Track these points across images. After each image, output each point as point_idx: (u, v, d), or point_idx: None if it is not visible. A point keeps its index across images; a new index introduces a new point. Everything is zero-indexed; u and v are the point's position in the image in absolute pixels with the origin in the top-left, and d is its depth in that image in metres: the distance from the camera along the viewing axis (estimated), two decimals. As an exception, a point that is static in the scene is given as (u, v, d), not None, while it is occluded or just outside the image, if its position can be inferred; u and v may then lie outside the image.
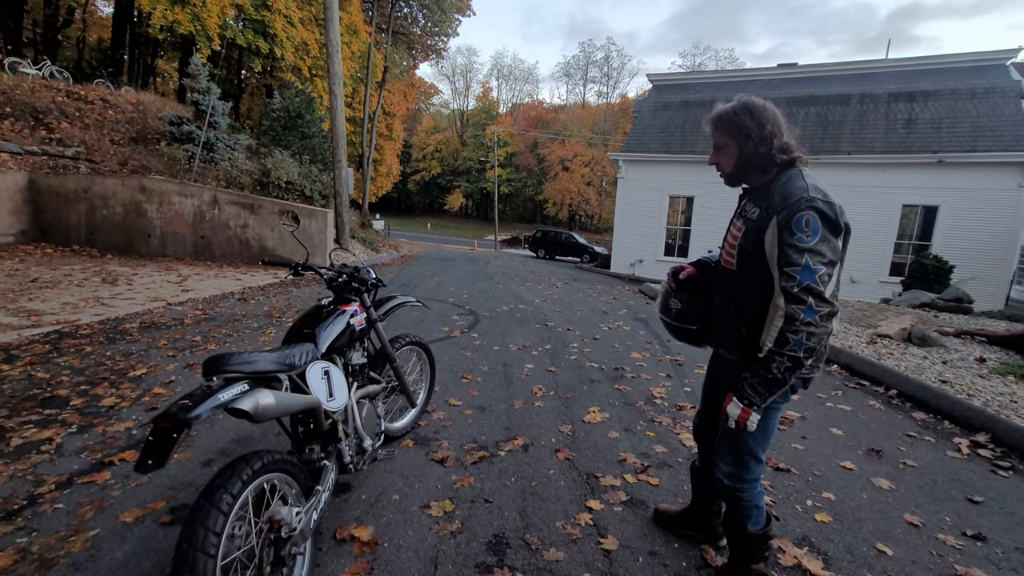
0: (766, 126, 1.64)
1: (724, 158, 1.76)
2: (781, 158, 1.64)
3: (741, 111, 1.67)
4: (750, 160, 1.69)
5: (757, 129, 1.64)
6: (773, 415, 1.76)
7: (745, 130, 1.66)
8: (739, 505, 1.83)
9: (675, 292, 2.01)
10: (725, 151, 1.75)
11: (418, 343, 3.14)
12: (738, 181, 1.79)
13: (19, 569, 1.92)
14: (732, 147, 1.72)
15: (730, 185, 1.82)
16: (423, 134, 62.02)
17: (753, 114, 1.66)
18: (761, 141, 1.64)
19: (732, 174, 1.78)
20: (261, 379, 1.66)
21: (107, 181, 10.49)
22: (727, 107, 1.71)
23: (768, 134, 1.64)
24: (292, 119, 14.94)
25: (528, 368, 4.64)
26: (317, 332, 2.08)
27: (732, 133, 1.69)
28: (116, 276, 8.07)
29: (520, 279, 12.10)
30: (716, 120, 1.74)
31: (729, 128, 1.70)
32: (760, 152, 1.66)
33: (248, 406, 1.42)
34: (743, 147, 1.68)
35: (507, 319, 6.86)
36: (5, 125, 11.46)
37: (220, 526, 1.36)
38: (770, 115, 1.66)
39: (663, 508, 2.38)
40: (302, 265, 2.45)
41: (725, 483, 1.82)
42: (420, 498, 2.47)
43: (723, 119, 1.71)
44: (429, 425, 3.30)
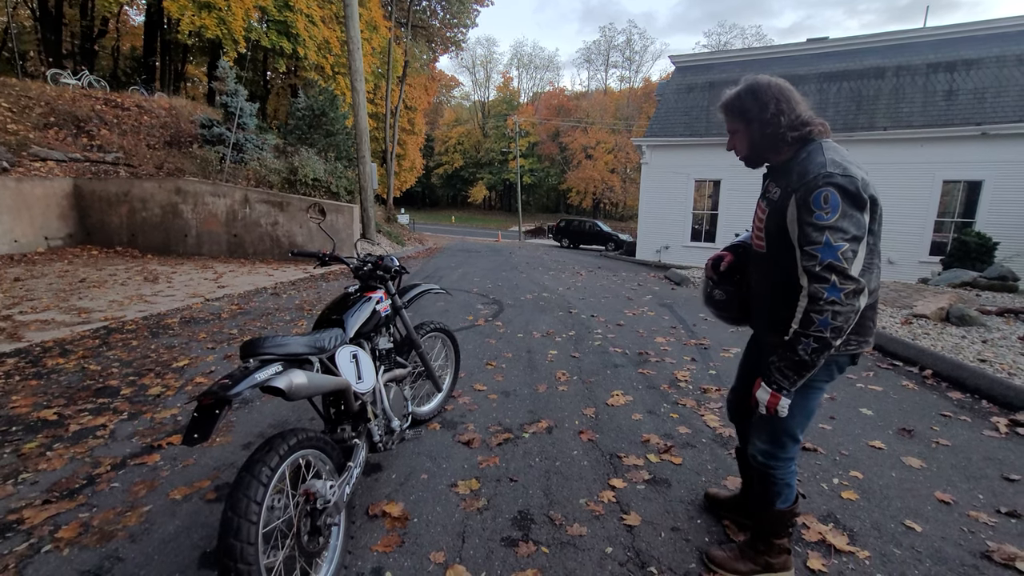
0: (769, 105, 1.62)
1: (738, 142, 1.77)
2: (792, 135, 1.62)
3: (744, 94, 1.67)
4: (760, 141, 1.69)
5: (759, 111, 1.64)
6: (814, 395, 1.71)
7: (749, 112, 1.66)
8: (771, 482, 1.81)
9: (717, 283, 2.00)
10: (737, 135, 1.76)
11: (443, 329, 3.23)
12: (757, 162, 1.78)
13: (82, 540, 2.09)
14: (742, 131, 1.72)
15: (750, 167, 1.82)
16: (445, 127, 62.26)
17: (756, 95, 1.64)
18: (766, 122, 1.63)
19: (748, 157, 1.78)
20: (294, 361, 1.76)
21: (145, 184, 10.95)
22: (732, 92, 1.71)
23: (772, 114, 1.62)
24: (316, 117, 15.24)
25: (552, 354, 4.69)
26: (345, 318, 2.18)
27: (739, 117, 1.71)
28: (157, 275, 8.45)
29: (544, 268, 12.12)
30: (723, 107, 1.75)
31: (735, 112, 1.71)
32: (767, 132, 1.65)
33: (282, 384, 1.52)
34: (751, 129, 1.69)
35: (531, 307, 6.91)
36: (50, 134, 12.06)
37: (260, 496, 1.46)
38: (775, 92, 1.63)
39: (713, 492, 2.34)
40: (329, 256, 2.55)
41: (759, 460, 1.81)
42: (448, 477, 2.56)
43: (728, 105, 1.72)
44: (455, 409, 3.40)
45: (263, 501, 1.47)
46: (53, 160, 11.24)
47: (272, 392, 1.52)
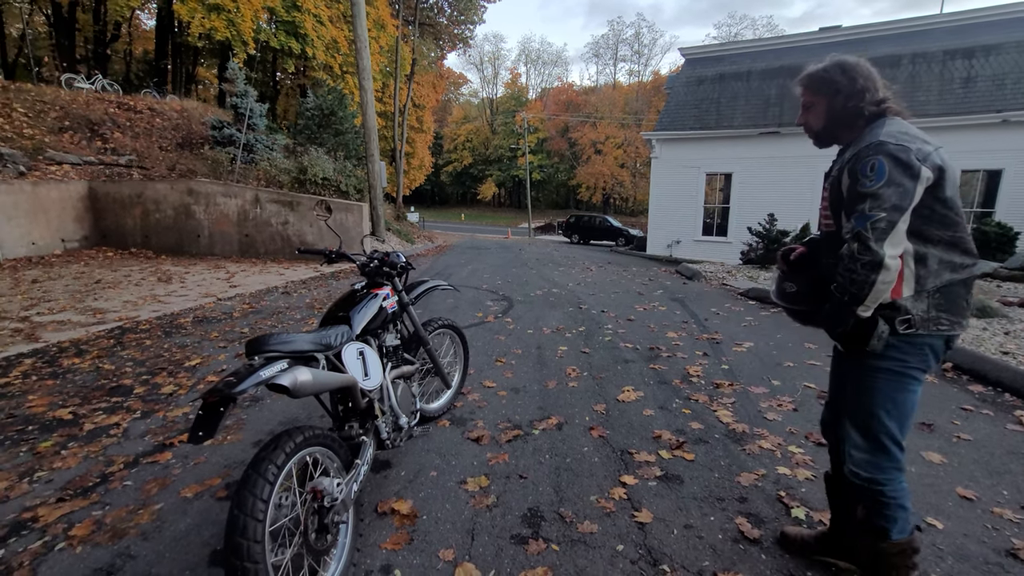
0: (857, 80, 1.61)
1: (812, 116, 1.74)
2: (871, 109, 1.60)
3: (832, 68, 1.65)
4: (839, 115, 1.66)
5: (847, 83, 1.62)
6: (908, 386, 1.57)
7: (835, 84, 1.64)
8: (880, 504, 1.60)
9: (787, 275, 1.90)
10: (813, 109, 1.72)
11: (451, 326, 3.21)
12: (828, 140, 1.75)
13: (95, 538, 2.11)
14: (820, 103, 1.69)
15: (819, 145, 1.79)
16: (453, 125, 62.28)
17: (845, 69, 1.64)
18: (852, 95, 1.62)
19: (820, 132, 1.74)
20: (300, 358, 1.75)
21: (158, 186, 11.07)
22: (819, 66, 1.69)
23: (860, 88, 1.61)
24: (326, 117, 15.31)
25: (562, 350, 4.66)
26: (351, 315, 2.17)
27: (821, 89, 1.68)
28: (170, 275, 8.54)
29: (553, 264, 12.07)
30: (806, 79, 1.72)
31: (819, 85, 1.68)
32: (849, 106, 1.63)
33: (287, 381, 1.51)
34: (832, 101, 1.66)
35: (541, 303, 6.87)
36: (65, 138, 12.24)
37: (267, 494, 1.45)
38: (863, 71, 1.63)
39: (793, 533, 2.01)
40: (336, 253, 2.54)
41: (862, 475, 1.61)
42: (457, 474, 2.54)
43: (813, 77, 1.70)
44: (464, 406, 3.38)
45: (270, 499, 1.46)
46: (68, 163, 11.41)
47: (277, 390, 1.51)
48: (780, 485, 2.43)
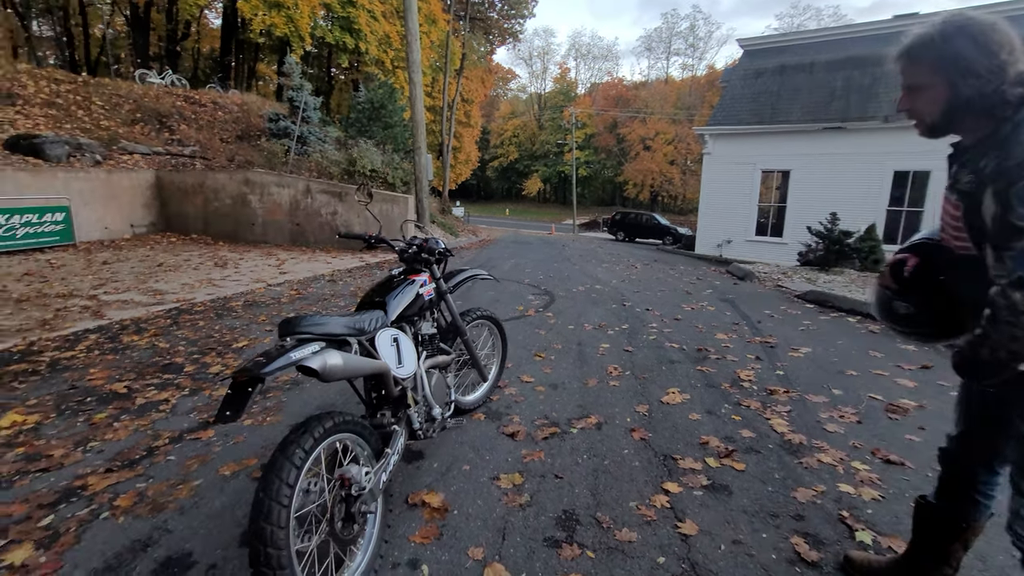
0: (997, 52, 1.18)
1: (924, 103, 1.30)
2: (1015, 93, 1.17)
3: (953, 35, 1.21)
4: (969, 103, 1.23)
5: (985, 59, 1.18)
6: None
7: (962, 61, 1.20)
8: None
9: (900, 293, 1.51)
10: (925, 93, 1.29)
11: (489, 317, 3.13)
12: (943, 132, 1.34)
13: (136, 510, 2.16)
14: (939, 87, 1.26)
15: (930, 137, 1.37)
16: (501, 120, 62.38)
17: (975, 37, 1.20)
18: (990, 74, 1.18)
19: (936, 124, 1.32)
20: (332, 342, 1.71)
21: (218, 176, 11.59)
22: (928, 31, 1.26)
23: (999, 64, 1.18)
24: (376, 110, 15.59)
25: (603, 347, 4.50)
26: (387, 300, 2.12)
27: (939, 67, 1.24)
28: (226, 260, 8.91)
29: (597, 260, 11.83)
30: (912, 51, 1.29)
31: (935, 61, 1.24)
32: (987, 91, 1.19)
33: (316, 364, 1.46)
34: (958, 86, 1.22)
35: (583, 299, 6.71)
36: (136, 129, 13.01)
37: (293, 479, 1.41)
38: (1001, 37, 1.19)
39: (860, 559, 1.80)
40: (375, 238, 2.50)
41: None
42: (490, 470, 2.46)
43: (925, 48, 1.26)
44: (501, 400, 3.29)
45: (296, 484, 1.42)
46: (139, 153, 12.12)
47: (307, 372, 1.46)
48: (842, 504, 2.21)
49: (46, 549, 1.92)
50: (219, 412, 1.37)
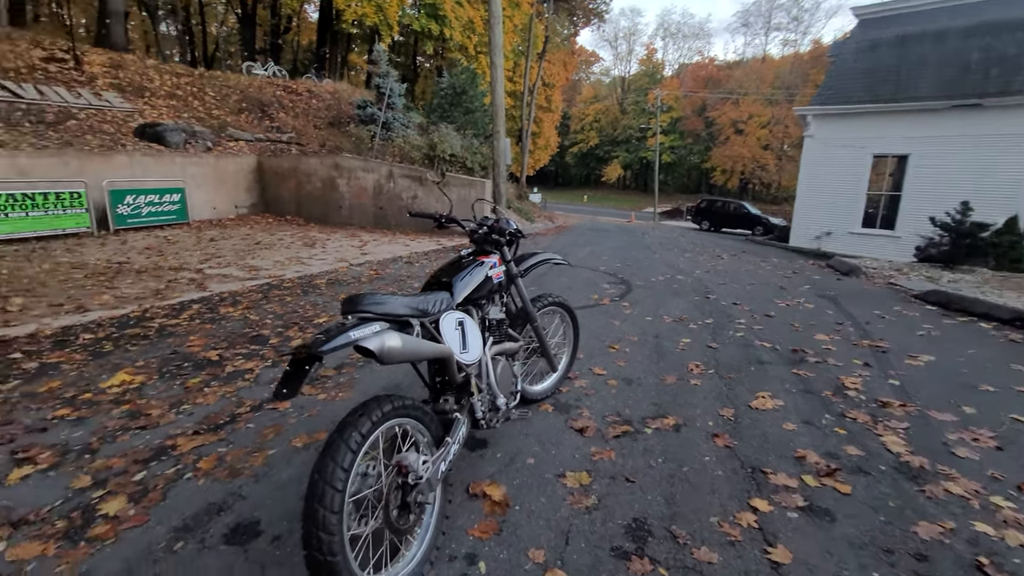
0: None
1: None
2: None
3: None
4: None
5: None
6: None
7: None
8: None
9: None
10: None
11: (562, 305, 2.96)
12: None
13: (216, 473, 2.26)
14: None
15: None
16: (582, 104, 61.04)
17: None
18: None
19: None
20: (394, 322, 1.64)
21: (310, 160, 12.26)
22: None
23: None
24: (457, 95, 15.75)
25: (684, 342, 4.18)
26: (453, 282, 2.02)
27: None
28: (314, 240, 9.42)
29: (679, 250, 11.21)
30: None
31: None
32: None
33: (374, 345, 1.38)
34: None
35: (662, 289, 6.34)
36: (242, 118, 14.08)
37: (348, 462, 1.35)
38: None
39: None
40: (445, 217, 2.42)
41: None
42: (556, 466, 2.32)
43: None
44: (570, 392, 3.14)
45: (351, 468, 1.36)
46: (243, 140, 13.11)
47: (364, 353, 1.40)
48: (980, 548, 1.84)
49: (136, 503, 2.05)
50: (277, 388, 1.34)
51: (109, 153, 9.82)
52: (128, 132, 11.08)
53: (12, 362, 3.48)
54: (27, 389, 3.08)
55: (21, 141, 9.05)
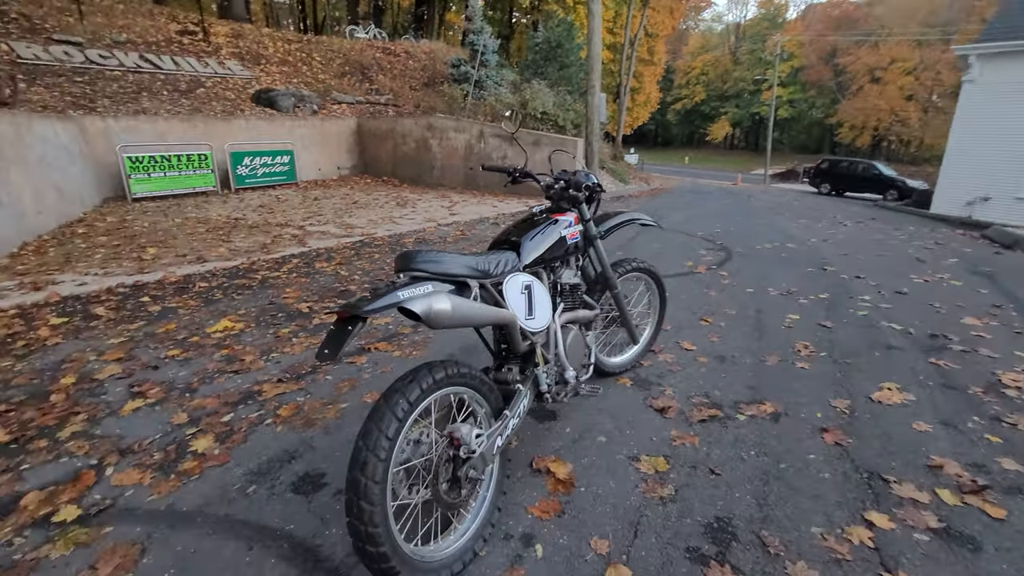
0: None
1: None
2: None
3: None
4: None
5: None
6: None
7: None
8: None
9: None
10: None
11: (647, 271, 2.68)
12: None
13: (293, 421, 2.34)
14: None
15: None
16: (688, 56, 56.23)
17: None
18: None
19: None
20: (450, 282, 1.50)
21: (405, 121, 12.51)
22: None
23: None
24: (552, 49, 15.10)
25: (791, 319, 3.69)
26: (522, 241, 1.84)
27: None
28: (406, 201, 9.67)
29: (791, 215, 10.05)
30: None
31: None
32: None
33: (419, 308, 1.25)
34: None
35: (769, 258, 5.68)
36: (344, 81, 14.64)
37: (393, 431, 1.26)
38: None
39: None
40: (520, 171, 2.22)
41: None
42: (630, 447, 2.12)
43: None
44: (653, 366, 2.87)
45: (396, 437, 1.27)
46: (345, 103, 13.67)
47: (409, 315, 1.27)
48: None
49: (221, 443, 2.18)
50: (320, 349, 1.27)
51: (230, 118, 10.69)
52: (246, 98, 11.97)
53: (141, 305, 3.90)
54: (149, 330, 3.43)
55: (160, 108, 10.12)
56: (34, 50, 9.80)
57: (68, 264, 4.94)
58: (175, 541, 1.65)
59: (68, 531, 1.69)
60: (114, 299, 4.00)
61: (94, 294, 4.12)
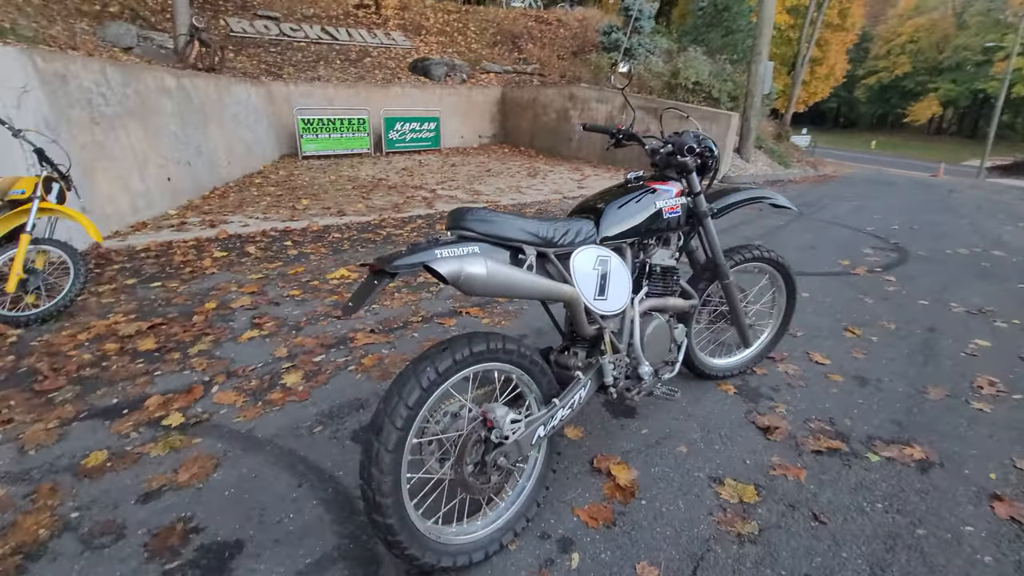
0: None
1: None
2: None
3: None
4: None
5: None
6: None
7: None
8: None
9: None
10: None
11: (774, 261, 2.23)
12: None
13: (372, 371, 2.41)
14: None
15: None
16: (894, 21, 47.09)
17: None
18: None
19: None
20: (503, 246, 1.34)
21: (548, 91, 12.34)
22: None
23: None
24: (718, 13, 13.66)
25: (977, 345, 2.87)
26: (605, 210, 1.59)
27: None
28: (537, 171, 9.60)
29: (1008, 216, 7.94)
30: None
31: None
32: None
33: (444, 269, 1.11)
34: None
35: (961, 266, 4.53)
36: (495, 51, 14.87)
37: (414, 400, 1.16)
38: None
39: None
40: (624, 132, 1.95)
41: None
42: (714, 465, 1.80)
43: None
44: (768, 376, 2.43)
45: (417, 407, 1.17)
46: (493, 72, 13.90)
47: (435, 276, 1.14)
48: None
49: (307, 381, 2.32)
50: (346, 303, 1.20)
51: (387, 85, 11.51)
52: (404, 67, 12.77)
53: (283, 248, 4.38)
54: (283, 270, 3.83)
55: (332, 75, 11.24)
56: (243, 24, 11.47)
57: (240, 208, 5.76)
58: (243, 463, 1.79)
59: (169, 435, 1.92)
60: (264, 240, 4.55)
61: (251, 235, 4.73)
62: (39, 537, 1.46)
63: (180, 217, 5.24)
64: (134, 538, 1.46)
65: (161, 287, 3.42)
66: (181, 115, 6.05)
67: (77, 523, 1.51)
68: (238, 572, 1.35)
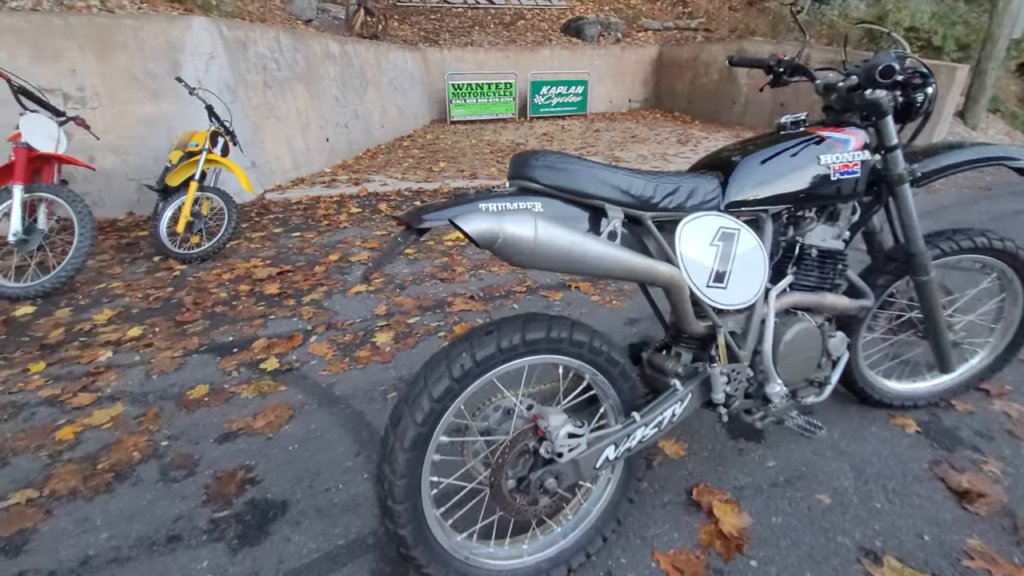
0: None
1: None
2: None
3: None
4: None
5: None
6: None
7: None
8: None
9: None
10: None
11: (1010, 254, 1.52)
12: None
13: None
14: None
15: None
16: None
17: None
18: None
19: None
20: (577, 204, 1.01)
21: (712, 48, 10.97)
22: None
23: None
24: (954, -63, 10.65)
25: None
26: (739, 164, 1.15)
27: None
28: (689, 138, 8.64)
29: None
30: None
31: None
32: None
33: (473, 228, 0.82)
34: None
35: None
36: (656, 6, 13.64)
37: (440, 391, 0.92)
38: None
39: None
40: (783, 63, 1.43)
41: None
42: (869, 530, 1.29)
43: None
44: (975, 415, 1.73)
45: (444, 399, 0.94)
46: (651, 29, 12.79)
47: (464, 235, 0.86)
48: None
49: (396, 343, 2.25)
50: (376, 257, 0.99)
51: (537, 48, 11.23)
52: (557, 29, 12.35)
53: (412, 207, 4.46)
54: (405, 229, 3.88)
55: (484, 40, 11.30)
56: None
57: (384, 168, 6.06)
58: (314, 419, 1.75)
59: (262, 379, 1.98)
60: (397, 200, 4.69)
61: (386, 193, 4.92)
62: (132, 459, 1.57)
63: (332, 175, 5.67)
64: (200, 478, 1.49)
65: (299, 237, 3.68)
66: (343, 80, 6.51)
67: (164, 452, 1.60)
68: (274, 537, 1.29)
